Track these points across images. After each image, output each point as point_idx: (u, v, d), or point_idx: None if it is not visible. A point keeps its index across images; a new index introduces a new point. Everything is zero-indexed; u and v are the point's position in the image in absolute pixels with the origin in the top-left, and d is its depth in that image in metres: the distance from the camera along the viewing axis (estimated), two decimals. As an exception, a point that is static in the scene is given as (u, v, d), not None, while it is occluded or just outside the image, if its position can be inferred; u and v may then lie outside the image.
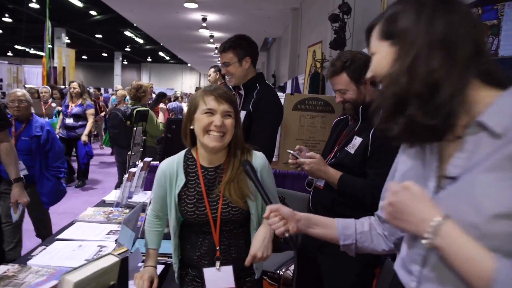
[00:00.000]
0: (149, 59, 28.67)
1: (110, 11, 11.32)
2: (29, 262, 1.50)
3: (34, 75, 11.13)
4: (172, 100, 9.84)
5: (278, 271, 2.39)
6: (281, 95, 2.94)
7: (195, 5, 8.00)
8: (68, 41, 17.81)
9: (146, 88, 3.62)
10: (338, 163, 1.64)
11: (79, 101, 5.22)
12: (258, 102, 1.96)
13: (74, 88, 5.22)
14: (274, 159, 3.01)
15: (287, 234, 1.01)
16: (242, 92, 2.08)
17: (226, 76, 2.08)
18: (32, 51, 23.17)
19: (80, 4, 12.45)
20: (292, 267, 2.89)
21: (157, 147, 3.90)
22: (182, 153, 1.40)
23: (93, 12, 14.12)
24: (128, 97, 4.98)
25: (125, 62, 28.33)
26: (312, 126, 2.87)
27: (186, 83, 30.73)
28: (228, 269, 1.30)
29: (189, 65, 28.03)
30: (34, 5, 12.14)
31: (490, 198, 0.64)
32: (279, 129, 2.92)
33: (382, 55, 0.79)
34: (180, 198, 1.33)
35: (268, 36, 13.26)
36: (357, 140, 1.61)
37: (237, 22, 10.72)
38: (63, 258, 1.55)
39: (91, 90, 9.48)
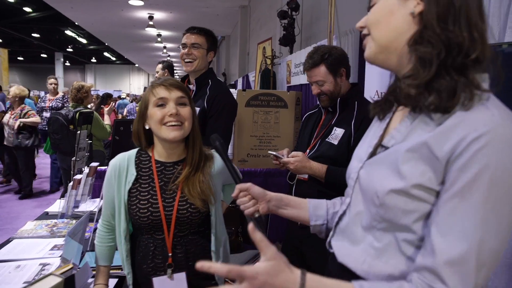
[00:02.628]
0: (93, 60, 27.33)
1: (48, 8, 10.58)
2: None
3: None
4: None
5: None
6: (233, 91, 2.88)
7: (140, 3, 7.72)
8: (0, 40, 16.48)
9: (88, 88, 3.40)
10: (321, 155, 1.67)
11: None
12: (214, 98, 1.90)
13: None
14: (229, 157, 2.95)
15: (256, 215, 0.96)
16: (193, 87, 2.00)
17: (185, 59, 1.97)
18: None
19: (11, 0, 11.53)
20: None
21: (105, 151, 3.69)
22: (133, 150, 1.30)
23: (27, 9, 13.13)
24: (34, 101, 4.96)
25: (67, 64, 26.77)
26: (266, 122, 2.84)
27: (134, 84, 29.71)
28: (181, 277, 1.21)
29: (136, 65, 27.10)
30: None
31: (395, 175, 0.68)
32: (233, 127, 2.87)
33: (385, 5, 0.76)
34: (130, 195, 1.23)
35: (217, 34, 13.04)
36: (338, 131, 1.65)
37: (185, 20, 10.50)
38: (-3, 282, 1.37)
39: (31, 93, 8.90)
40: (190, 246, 1.25)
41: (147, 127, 1.25)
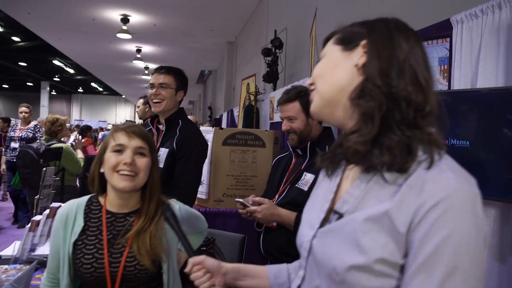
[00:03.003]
0: (80, 89, 27.27)
1: (36, 38, 10.62)
2: None
3: None
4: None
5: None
6: (210, 130, 2.83)
7: (128, 36, 7.79)
8: (-14, 68, 16.39)
9: (63, 122, 3.31)
10: (291, 201, 1.60)
11: None
12: (183, 140, 1.83)
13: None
14: (203, 197, 2.85)
15: None
16: (162, 127, 1.94)
17: (153, 100, 1.91)
18: None
19: (0, 29, 11.56)
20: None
21: (78, 186, 3.55)
22: (85, 197, 1.21)
23: (15, 38, 13.16)
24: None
25: (53, 93, 26.64)
26: (243, 161, 2.78)
27: (120, 115, 29.59)
28: None
29: (123, 96, 27.13)
30: None
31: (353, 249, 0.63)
32: (209, 165, 2.80)
33: (330, 59, 0.73)
34: (76, 248, 1.12)
35: (204, 68, 13.32)
36: (308, 176, 1.60)
37: (173, 54, 10.63)
38: None
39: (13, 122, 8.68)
40: None
41: (101, 171, 1.17)
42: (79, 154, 3.48)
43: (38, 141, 3.74)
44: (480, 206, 0.59)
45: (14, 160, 5.01)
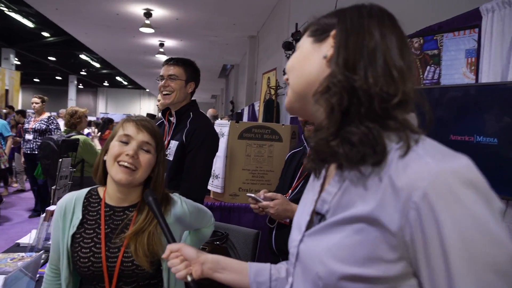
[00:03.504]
0: (106, 83, 27.89)
1: (64, 33, 10.90)
2: None
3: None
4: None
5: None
6: (226, 123, 2.80)
7: (151, 30, 7.85)
8: (18, 62, 16.95)
9: (81, 114, 3.36)
10: None
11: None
12: (193, 132, 1.80)
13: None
14: (219, 191, 2.83)
15: (189, 278, 0.86)
16: (173, 119, 1.91)
17: (163, 92, 1.88)
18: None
19: (31, 25, 11.91)
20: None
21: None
22: (85, 189, 1.20)
23: (45, 34, 13.55)
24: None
25: (80, 86, 27.36)
26: (259, 156, 2.73)
27: (144, 108, 30.10)
28: None
29: (147, 90, 27.55)
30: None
31: (339, 256, 0.58)
32: (224, 159, 2.77)
33: (302, 51, 0.70)
34: (74, 241, 1.11)
35: (226, 62, 13.32)
36: None
37: (196, 48, 10.67)
38: None
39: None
40: None
41: (104, 158, 1.14)
42: (98, 146, 3.52)
43: (58, 132, 3.81)
44: (476, 178, 0.52)
45: (29, 152, 5.08)
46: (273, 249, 1.62)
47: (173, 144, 1.81)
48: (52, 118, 5.13)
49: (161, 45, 10.40)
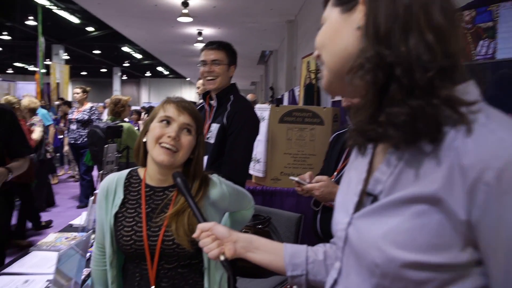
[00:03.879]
0: (148, 74, 28.72)
1: (107, 27, 11.29)
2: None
3: (27, 92, 11.03)
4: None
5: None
6: (266, 107, 2.77)
7: (189, 19, 7.93)
8: (67, 57, 17.82)
9: (125, 102, 3.46)
10: None
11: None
12: (234, 115, 1.79)
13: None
14: (260, 175, 2.82)
15: (222, 258, 0.84)
16: (214, 103, 1.91)
17: (207, 77, 1.88)
18: (31, 68, 23.23)
19: (77, 21, 12.45)
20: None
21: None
22: (126, 170, 1.22)
23: (90, 29, 14.13)
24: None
25: (124, 78, 28.38)
26: (301, 139, 2.69)
27: (186, 97, 30.08)
28: None
29: (188, 79, 28.06)
30: (31, 22, 12.14)
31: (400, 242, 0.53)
32: (265, 143, 2.75)
33: (331, 24, 0.62)
34: (117, 220, 1.14)
35: (265, 49, 13.23)
36: None
37: (234, 36, 10.66)
38: (0, 298, 1.34)
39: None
40: (179, 281, 1.12)
41: (144, 140, 1.16)
42: (141, 133, 3.62)
43: (104, 121, 3.95)
44: None
45: (72, 141, 5.17)
46: (317, 233, 1.59)
47: (214, 127, 1.82)
48: (94, 108, 5.19)
49: (199, 33, 10.50)
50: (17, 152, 1.92)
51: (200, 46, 11.31)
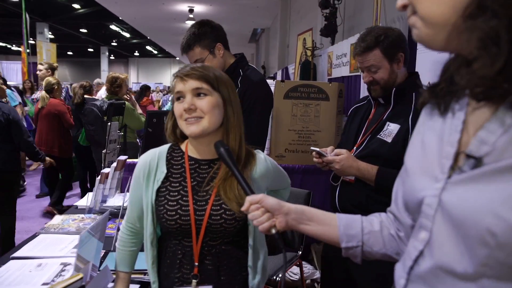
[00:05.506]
0: (136, 53, 28.13)
1: (94, 4, 10.92)
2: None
3: (13, 71, 10.73)
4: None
5: (274, 277, 2.17)
6: (271, 83, 2.70)
7: (180, -5, 7.71)
8: (52, 36, 17.30)
9: (122, 80, 3.35)
10: (371, 153, 1.46)
11: None
12: (244, 92, 1.73)
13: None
14: (265, 152, 2.78)
15: (273, 231, 0.80)
16: None
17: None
18: (14, 48, 22.54)
19: (62, -3, 12.03)
20: (294, 270, 2.67)
21: (140, 142, 3.64)
22: (166, 145, 1.17)
23: (76, 6, 13.66)
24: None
25: (112, 57, 27.77)
26: (306, 115, 2.64)
27: (175, 77, 30.31)
28: None
29: (177, 58, 27.58)
30: (13, -1, 11.69)
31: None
32: (270, 120, 2.69)
33: None
34: (159, 195, 1.09)
35: (257, 26, 13.00)
36: (392, 127, 1.44)
37: (225, 13, 10.42)
38: (14, 284, 1.27)
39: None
40: (223, 258, 1.09)
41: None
42: (139, 110, 3.53)
43: (101, 99, 3.82)
44: None
45: None
46: (337, 208, 1.56)
47: None
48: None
49: (191, 11, 10.24)
50: None
51: (191, 23, 11.10)
